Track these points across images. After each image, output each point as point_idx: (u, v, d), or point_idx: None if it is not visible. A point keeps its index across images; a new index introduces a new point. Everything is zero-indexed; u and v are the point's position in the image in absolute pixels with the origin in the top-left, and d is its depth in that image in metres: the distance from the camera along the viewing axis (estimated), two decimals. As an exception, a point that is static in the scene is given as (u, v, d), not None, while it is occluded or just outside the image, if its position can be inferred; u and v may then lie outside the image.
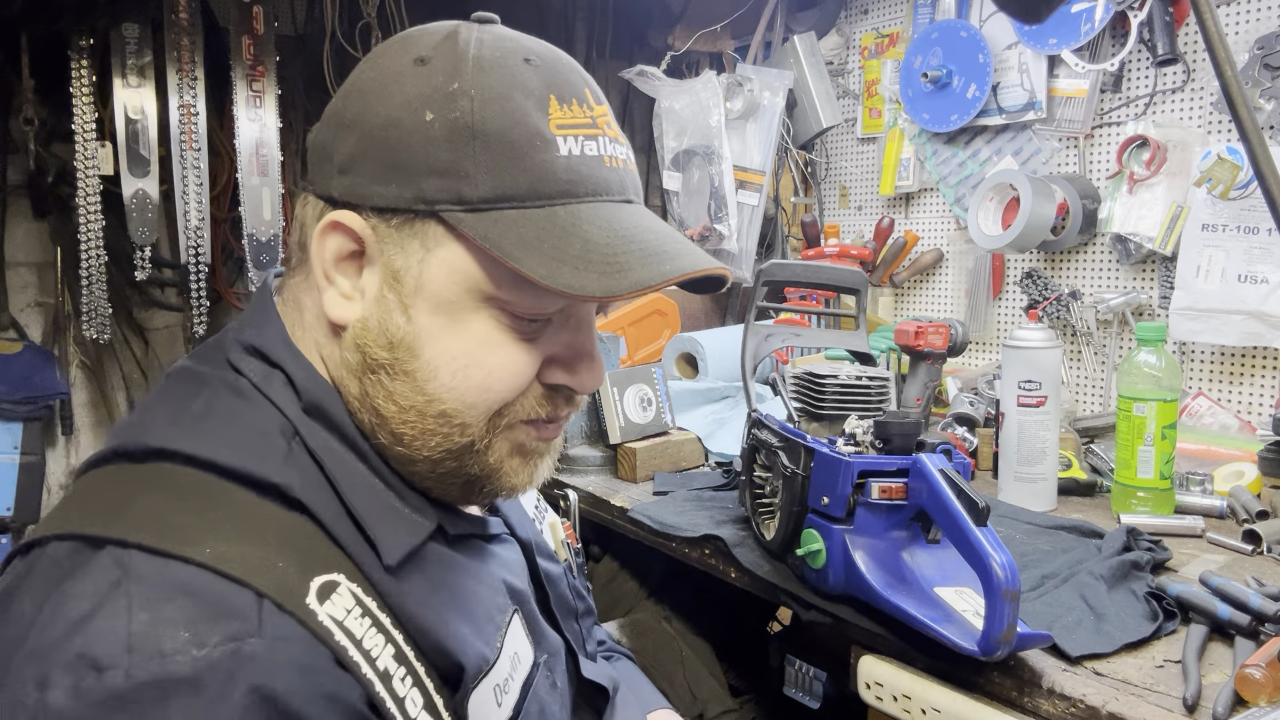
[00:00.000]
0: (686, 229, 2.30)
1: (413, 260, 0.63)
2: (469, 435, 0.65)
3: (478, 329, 0.63)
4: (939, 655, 0.92)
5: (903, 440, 1.00)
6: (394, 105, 0.62)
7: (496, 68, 0.62)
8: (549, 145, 0.62)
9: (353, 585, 0.58)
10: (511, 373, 0.64)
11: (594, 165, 0.64)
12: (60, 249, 1.97)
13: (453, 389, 0.63)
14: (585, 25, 2.71)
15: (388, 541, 0.62)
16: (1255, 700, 0.80)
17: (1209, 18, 0.54)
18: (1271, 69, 1.57)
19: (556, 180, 0.62)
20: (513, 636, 0.68)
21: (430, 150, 0.61)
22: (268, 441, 0.62)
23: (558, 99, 0.63)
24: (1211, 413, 1.66)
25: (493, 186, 0.61)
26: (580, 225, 0.61)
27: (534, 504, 0.91)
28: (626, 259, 0.61)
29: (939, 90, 2.06)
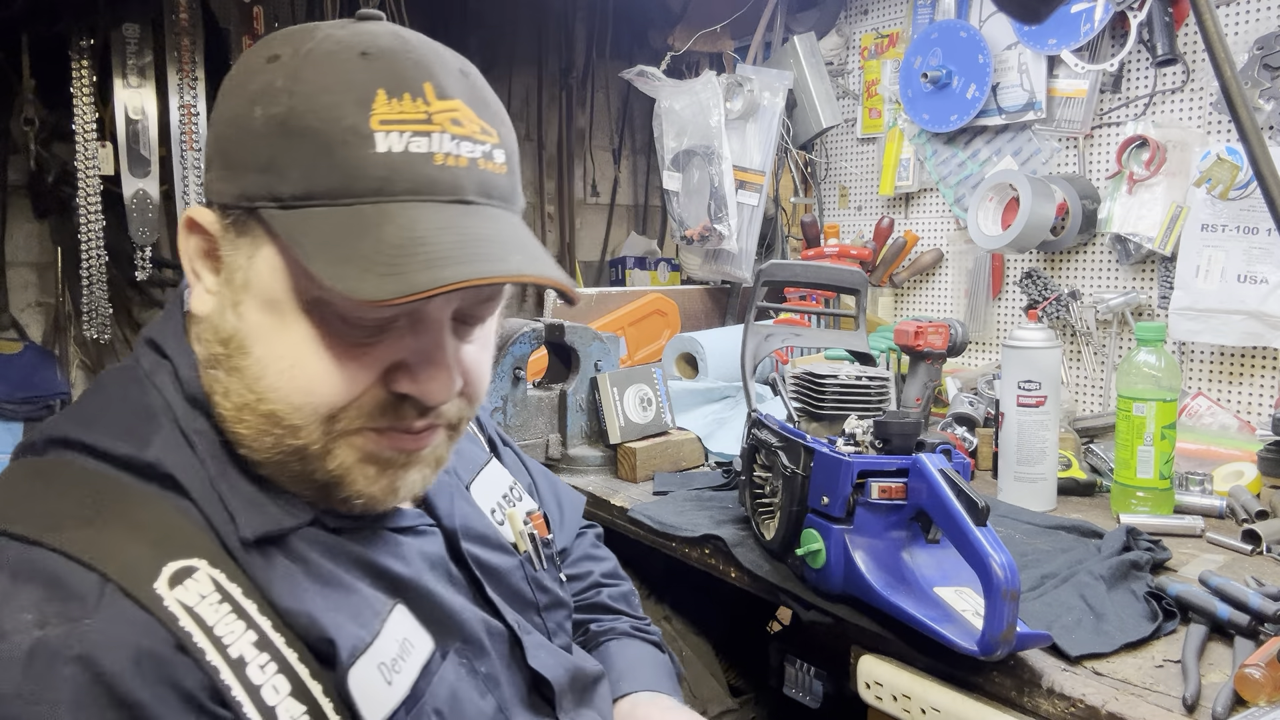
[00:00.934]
0: (686, 229, 2.30)
1: (242, 257, 0.63)
2: (301, 439, 0.63)
3: (304, 330, 0.62)
4: (939, 655, 0.92)
5: (902, 440, 1.00)
6: (236, 102, 0.62)
7: (324, 62, 0.61)
8: (364, 141, 0.59)
9: (215, 571, 0.58)
10: (337, 377, 0.62)
11: (418, 163, 0.60)
12: (60, 249, 1.97)
13: (278, 389, 0.62)
14: (585, 25, 2.71)
15: (246, 516, 0.62)
16: (1255, 700, 0.80)
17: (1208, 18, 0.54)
18: (1271, 69, 1.57)
19: (368, 177, 0.59)
20: (398, 622, 0.67)
21: (254, 147, 0.60)
22: (147, 422, 0.64)
23: (387, 93, 0.60)
24: (1211, 413, 1.66)
25: (303, 183, 0.59)
26: (382, 224, 0.58)
27: (503, 493, 0.90)
28: (411, 261, 0.57)
29: (939, 90, 2.06)
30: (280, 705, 0.58)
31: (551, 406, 1.59)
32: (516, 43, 2.62)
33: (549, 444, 1.58)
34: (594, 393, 1.60)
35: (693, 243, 2.31)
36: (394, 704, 0.64)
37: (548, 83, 2.70)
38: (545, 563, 0.88)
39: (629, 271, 2.72)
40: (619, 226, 2.91)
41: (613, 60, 2.73)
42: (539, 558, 0.88)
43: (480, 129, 0.64)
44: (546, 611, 0.86)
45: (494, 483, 0.91)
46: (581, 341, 1.60)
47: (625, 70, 2.37)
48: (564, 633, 0.88)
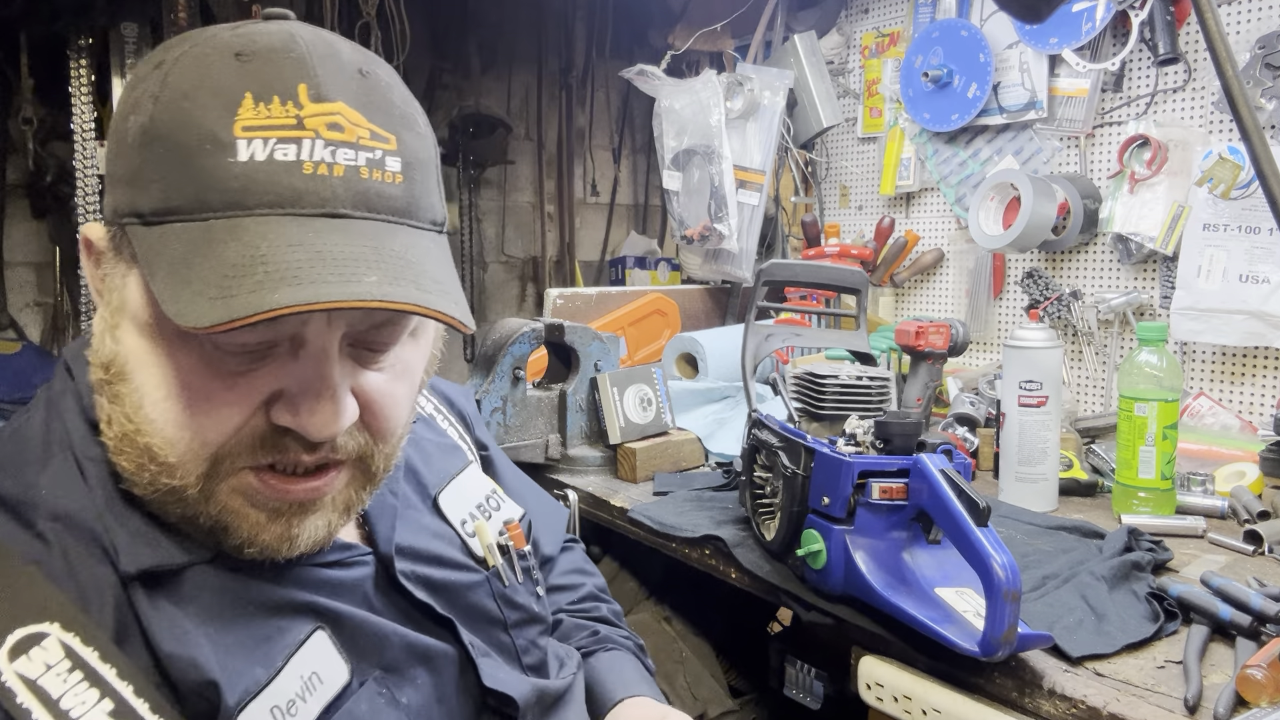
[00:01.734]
0: (687, 228, 2.30)
1: (118, 277, 0.59)
2: (177, 478, 0.58)
3: (179, 357, 0.57)
4: (940, 656, 0.92)
5: (903, 440, 1.00)
6: (119, 112, 0.59)
7: (194, 65, 0.56)
8: (223, 149, 0.54)
9: (67, 636, 0.54)
10: (213, 410, 0.57)
11: (281, 172, 0.55)
12: (59, 249, 1.97)
13: (154, 421, 0.58)
14: (585, 25, 2.71)
15: (129, 550, 0.58)
16: (1256, 701, 0.79)
17: (1210, 17, 0.54)
18: (1272, 68, 1.56)
19: (225, 189, 0.54)
20: (308, 657, 0.62)
21: (125, 157, 0.57)
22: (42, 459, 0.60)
23: (255, 97, 0.55)
24: (1213, 413, 1.66)
25: (162, 196, 0.55)
26: (227, 242, 0.53)
27: (479, 502, 0.86)
28: (244, 283, 0.52)
29: (939, 90, 2.06)
30: None
31: (551, 406, 1.59)
32: (516, 42, 2.62)
33: (549, 444, 1.58)
34: (594, 393, 1.59)
35: (693, 242, 2.31)
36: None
37: (547, 82, 2.69)
38: (520, 575, 0.84)
39: (629, 271, 2.72)
40: (619, 226, 2.91)
41: (613, 59, 2.73)
42: (513, 570, 0.84)
43: (369, 134, 0.58)
44: (516, 628, 0.82)
45: (470, 490, 0.87)
46: (581, 341, 1.60)
47: (625, 69, 2.36)
48: (536, 649, 0.83)
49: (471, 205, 2.66)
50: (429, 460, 0.85)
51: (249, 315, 0.50)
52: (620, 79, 2.45)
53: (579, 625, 1.03)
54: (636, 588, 1.64)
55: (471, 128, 2.58)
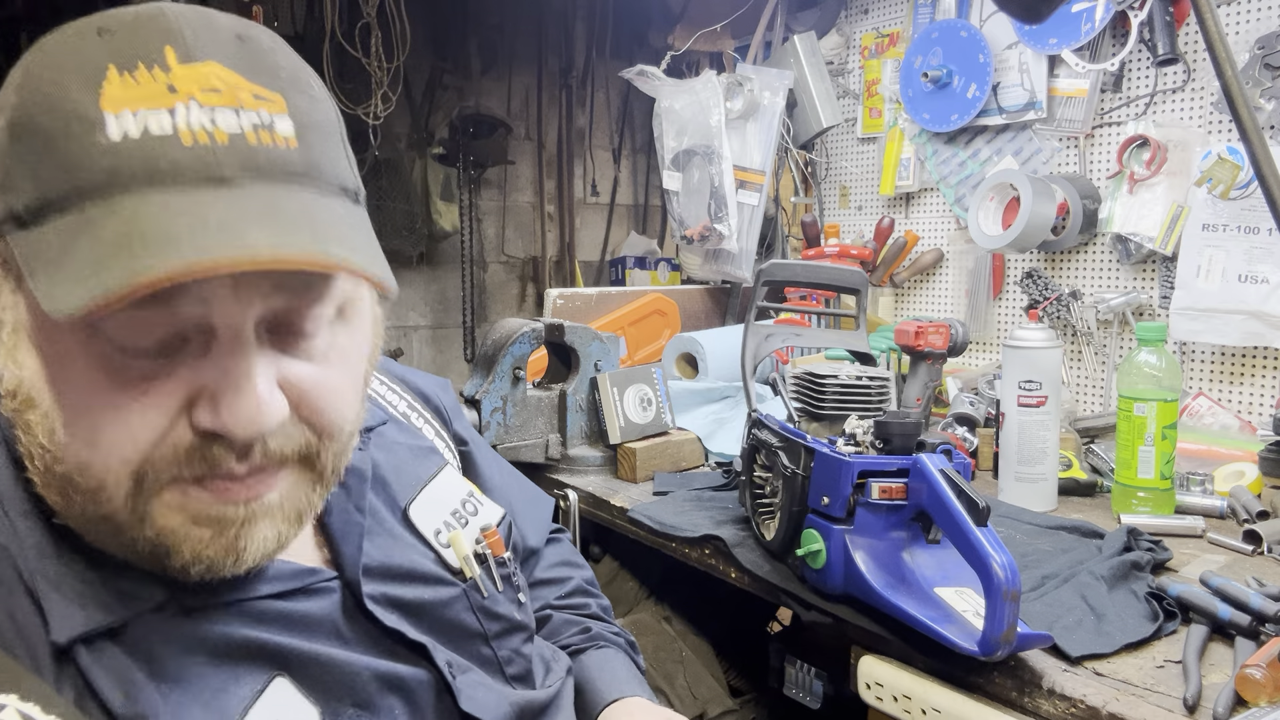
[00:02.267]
0: (686, 228, 2.30)
1: (6, 294, 0.54)
2: (103, 504, 0.53)
3: (81, 368, 0.51)
4: (939, 655, 0.92)
5: (903, 440, 1.00)
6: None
7: (55, 49, 0.51)
8: (91, 128, 0.49)
9: (26, 705, 0.48)
10: (125, 421, 0.52)
11: (160, 144, 0.49)
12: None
13: (66, 446, 0.52)
14: (585, 25, 2.71)
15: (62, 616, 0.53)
16: (1256, 700, 0.80)
17: (1209, 17, 0.54)
18: (1272, 69, 1.57)
19: (94, 170, 0.48)
20: (268, 707, 0.58)
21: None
22: None
23: (119, 67, 0.49)
24: (1212, 413, 1.66)
25: (35, 193, 0.49)
26: (103, 224, 0.48)
27: (454, 508, 0.82)
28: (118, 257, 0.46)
29: (939, 90, 2.06)
30: None
31: (551, 406, 1.59)
32: (516, 43, 2.62)
33: (549, 444, 1.58)
34: (594, 393, 1.60)
35: (693, 242, 2.31)
36: None
37: (548, 82, 2.70)
38: (500, 583, 0.81)
39: (629, 271, 2.72)
40: (619, 226, 2.91)
41: (613, 60, 2.73)
42: (492, 579, 0.80)
43: (251, 95, 0.52)
44: (498, 639, 0.78)
45: (445, 497, 0.82)
46: (581, 341, 1.60)
47: (625, 70, 2.37)
48: (520, 659, 0.80)
49: (472, 205, 2.66)
50: (399, 469, 0.80)
51: (122, 290, 0.45)
52: (620, 79, 2.45)
53: (569, 621, 1.00)
54: (636, 587, 1.65)
55: (471, 128, 2.58)
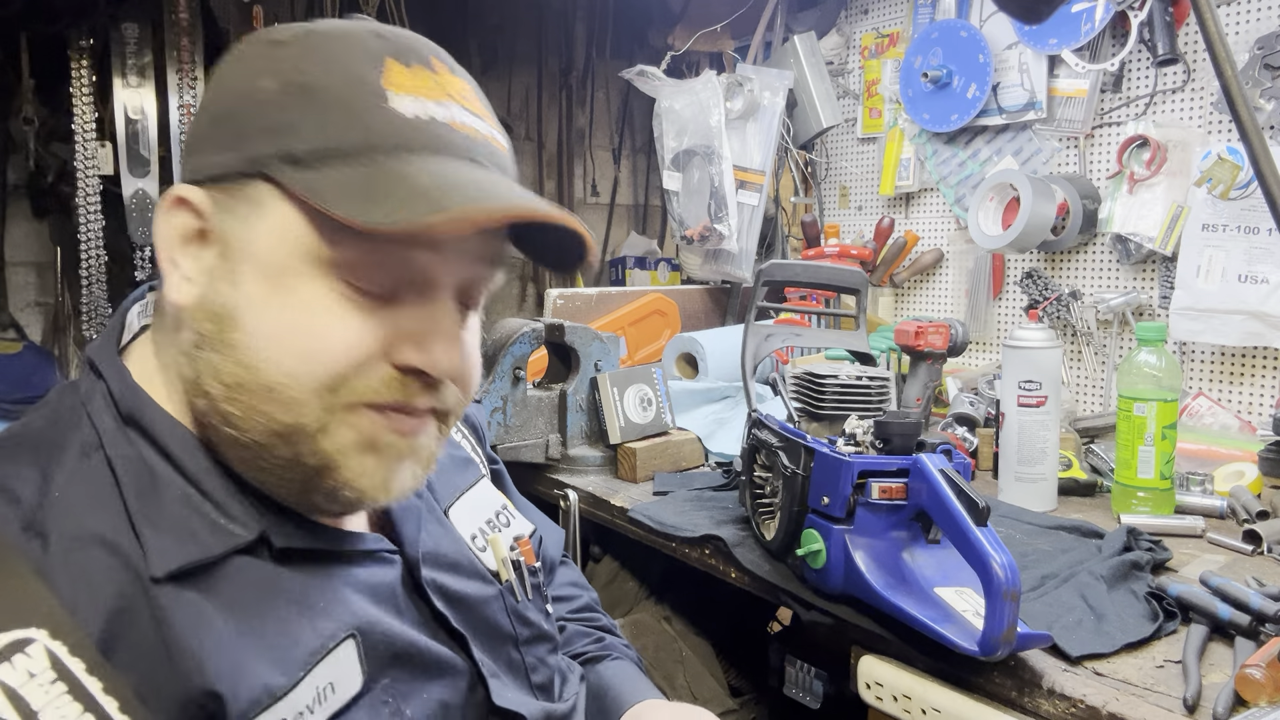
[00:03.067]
0: (686, 229, 2.30)
1: (242, 225, 0.60)
2: (296, 414, 0.59)
3: (307, 295, 0.59)
4: (939, 655, 0.92)
5: (903, 440, 1.00)
6: (238, 79, 0.62)
7: (338, 36, 0.62)
8: (382, 98, 0.59)
9: (54, 644, 0.51)
10: (341, 339, 0.59)
11: (436, 126, 0.61)
12: (60, 249, 1.98)
13: (274, 359, 0.59)
14: (585, 25, 2.71)
15: (159, 551, 0.57)
16: (1255, 700, 0.80)
17: (1209, 18, 0.54)
18: (1272, 69, 1.57)
19: (391, 133, 0.59)
20: (331, 665, 0.61)
21: (263, 111, 0.60)
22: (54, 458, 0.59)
23: (399, 61, 0.61)
24: (1212, 413, 1.66)
25: (321, 140, 0.58)
26: (407, 171, 0.58)
27: (488, 518, 0.85)
28: (447, 196, 0.57)
29: (939, 90, 2.06)
30: None
31: (551, 406, 1.59)
32: (516, 43, 2.62)
33: (549, 444, 1.58)
34: (594, 393, 1.60)
35: (693, 243, 2.31)
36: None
37: (548, 83, 2.69)
38: (530, 592, 0.83)
39: (629, 271, 2.72)
40: (619, 226, 2.91)
41: (613, 60, 2.73)
42: (523, 587, 0.83)
43: (486, 113, 0.66)
44: (526, 645, 0.81)
45: (481, 505, 0.86)
46: (581, 341, 1.60)
47: (625, 70, 2.37)
48: (545, 667, 0.82)
49: (471, 205, 2.65)
50: (440, 474, 0.84)
51: (470, 216, 0.56)
52: (620, 79, 2.45)
53: (582, 632, 1.02)
54: (636, 587, 1.64)
55: (472, 128, 2.58)
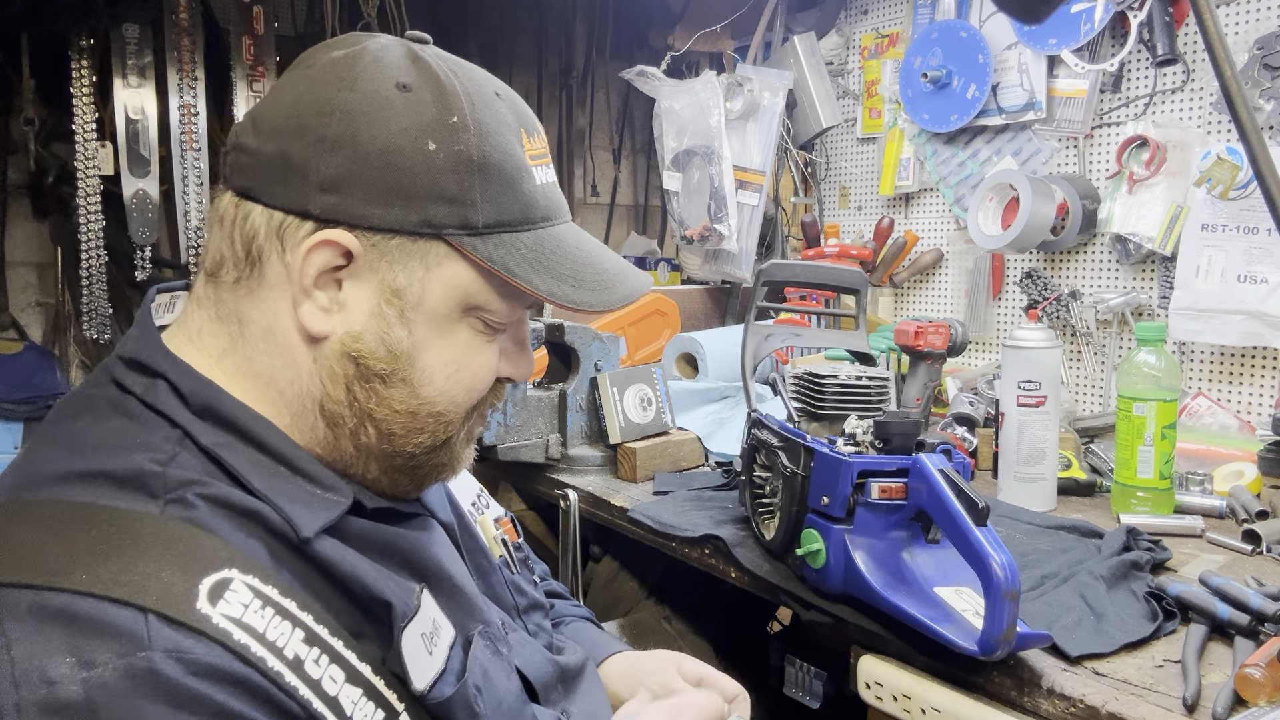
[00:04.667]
0: (686, 229, 2.30)
1: (414, 278, 0.68)
2: (450, 430, 0.73)
3: (463, 337, 0.71)
4: (939, 655, 0.92)
5: (903, 440, 1.00)
6: (392, 132, 0.66)
7: (483, 103, 0.69)
8: (530, 176, 0.71)
9: (247, 578, 0.57)
10: (488, 371, 0.73)
11: (553, 192, 0.74)
12: (60, 249, 1.97)
13: (445, 391, 0.71)
14: (585, 25, 2.71)
15: (301, 517, 0.63)
16: (1255, 700, 0.80)
17: (1209, 18, 0.54)
18: (1271, 69, 1.57)
19: (538, 207, 0.71)
20: (428, 602, 0.68)
21: (436, 179, 0.66)
22: (150, 451, 0.62)
23: (525, 132, 0.72)
24: (1211, 413, 1.66)
25: (494, 213, 0.68)
26: (562, 246, 0.72)
27: (471, 500, 0.93)
28: (606, 277, 0.73)
29: (939, 90, 2.06)
30: (341, 693, 0.59)
31: (551, 406, 1.59)
32: (516, 43, 2.62)
33: (549, 444, 1.58)
34: (594, 393, 1.60)
35: (693, 243, 2.31)
36: (434, 673, 0.65)
37: (548, 83, 2.69)
38: (517, 566, 0.92)
39: (629, 271, 2.72)
40: (619, 226, 2.91)
41: (613, 60, 2.73)
42: (512, 562, 0.91)
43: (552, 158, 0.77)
44: (525, 614, 0.88)
45: (465, 489, 0.93)
46: (581, 341, 1.60)
47: (625, 70, 2.37)
48: (544, 633, 0.90)
49: (471, 205, 2.65)
50: None
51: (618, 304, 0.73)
52: (620, 80, 2.46)
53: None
54: (636, 587, 1.65)
55: (472, 128, 2.58)
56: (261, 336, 0.68)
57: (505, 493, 1.68)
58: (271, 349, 0.68)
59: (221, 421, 0.65)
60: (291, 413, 0.69)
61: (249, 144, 0.67)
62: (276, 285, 0.67)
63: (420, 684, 0.63)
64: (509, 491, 1.68)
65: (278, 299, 0.67)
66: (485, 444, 1.51)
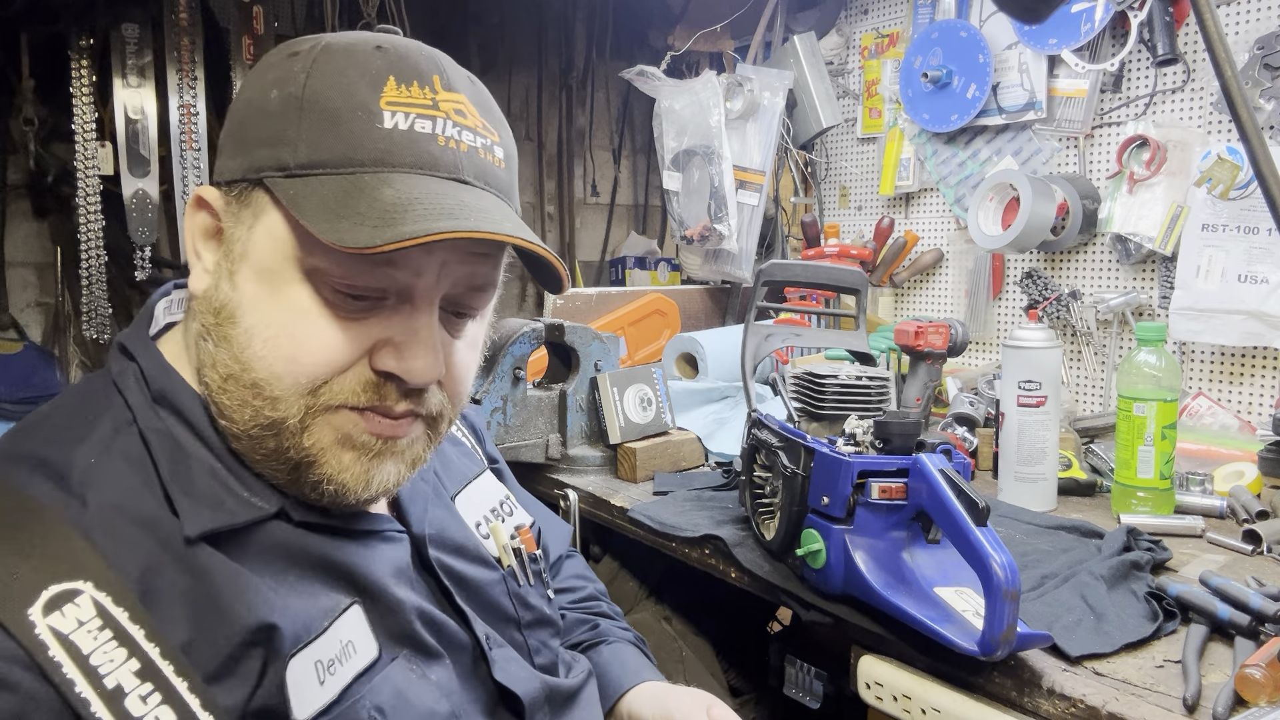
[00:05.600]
0: (686, 229, 2.30)
1: (242, 228, 0.65)
2: (279, 411, 0.64)
3: (295, 300, 0.64)
4: (939, 655, 0.92)
5: (903, 440, 1.00)
6: (253, 91, 0.66)
7: (341, 52, 0.65)
8: (372, 116, 0.63)
9: (100, 594, 0.55)
10: (322, 346, 0.64)
11: (421, 140, 0.64)
12: (60, 249, 1.97)
13: (263, 358, 0.64)
14: (585, 25, 2.71)
15: (193, 515, 0.61)
16: (1255, 700, 0.80)
17: (1209, 18, 0.54)
18: (1271, 69, 1.57)
19: (372, 148, 0.63)
20: (347, 625, 0.66)
21: (264, 122, 0.64)
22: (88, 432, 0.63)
23: (396, 79, 0.65)
24: (1211, 413, 1.66)
25: (309, 153, 0.63)
26: (379, 188, 0.62)
27: (492, 507, 0.90)
28: (405, 216, 0.60)
29: (939, 90, 2.06)
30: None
31: (551, 406, 1.59)
32: (516, 43, 2.62)
33: (549, 444, 1.58)
34: (594, 393, 1.60)
35: (693, 243, 2.31)
36: (322, 704, 0.62)
37: (548, 83, 2.69)
38: (532, 579, 0.87)
39: (629, 271, 2.72)
40: (619, 226, 2.91)
41: (613, 60, 2.73)
42: (525, 573, 0.87)
43: (482, 125, 0.68)
44: (529, 629, 0.84)
45: (484, 496, 0.90)
46: (581, 341, 1.60)
47: (625, 70, 2.37)
48: (548, 650, 0.86)
49: (471, 205, 2.65)
50: (447, 464, 0.89)
51: (419, 236, 0.58)
52: (620, 79, 2.45)
53: (580, 620, 1.05)
54: (636, 587, 1.64)
55: (472, 128, 2.58)
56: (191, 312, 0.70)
57: (505, 493, 1.68)
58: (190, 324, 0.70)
59: (171, 409, 0.66)
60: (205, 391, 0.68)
61: None
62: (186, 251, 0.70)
63: (301, 715, 0.60)
64: (509, 491, 1.68)
65: None
66: (485, 444, 1.51)
